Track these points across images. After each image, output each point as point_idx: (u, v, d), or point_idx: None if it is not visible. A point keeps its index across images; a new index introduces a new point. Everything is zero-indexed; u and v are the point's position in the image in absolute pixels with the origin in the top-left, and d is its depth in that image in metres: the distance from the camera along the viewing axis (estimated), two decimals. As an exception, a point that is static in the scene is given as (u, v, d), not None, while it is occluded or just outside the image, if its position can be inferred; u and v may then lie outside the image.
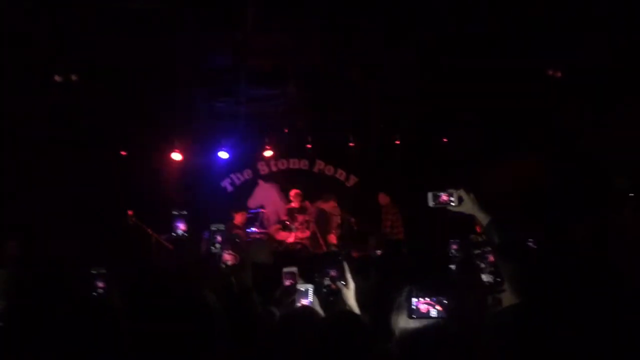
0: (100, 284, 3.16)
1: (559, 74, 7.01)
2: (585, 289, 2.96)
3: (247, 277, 3.22)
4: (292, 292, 3.05)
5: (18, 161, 8.74)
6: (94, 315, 2.91)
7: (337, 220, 10.00)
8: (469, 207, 2.79)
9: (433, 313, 2.55)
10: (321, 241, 9.35)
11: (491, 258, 2.44)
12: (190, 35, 5.80)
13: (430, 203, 2.85)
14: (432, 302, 2.55)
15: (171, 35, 5.79)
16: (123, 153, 10.04)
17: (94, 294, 3.12)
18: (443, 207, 2.85)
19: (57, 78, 6.58)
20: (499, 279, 2.41)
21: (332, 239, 9.56)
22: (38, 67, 6.50)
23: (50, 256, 7.30)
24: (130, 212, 8.52)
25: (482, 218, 2.74)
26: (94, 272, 3.13)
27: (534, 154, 10.06)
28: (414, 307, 2.56)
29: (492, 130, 9.86)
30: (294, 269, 3.29)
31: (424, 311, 2.54)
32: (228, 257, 3.44)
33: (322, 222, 9.73)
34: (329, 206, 9.97)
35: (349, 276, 3.11)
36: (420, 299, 2.56)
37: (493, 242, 2.64)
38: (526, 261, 2.55)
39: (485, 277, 2.43)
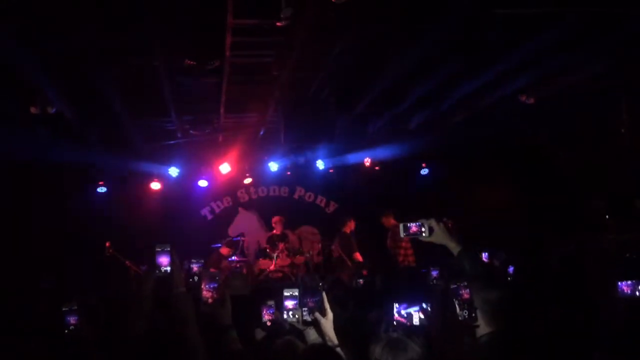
0: (73, 320, 3.08)
1: (532, 101, 7.12)
2: (560, 316, 2.98)
3: (227, 313, 3.17)
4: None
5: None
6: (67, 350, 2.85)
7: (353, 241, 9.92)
8: (440, 237, 2.81)
9: (416, 321, 2.56)
10: (348, 263, 9.36)
11: (466, 295, 2.44)
12: (168, 62, 5.77)
13: (402, 234, 2.88)
14: (414, 312, 2.57)
15: (149, 62, 5.75)
16: (101, 183, 9.92)
17: (66, 331, 3.05)
18: (415, 237, 2.88)
19: (33, 110, 6.48)
20: (473, 315, 2.41)
21: (358, 256, 9.54)
22: (19, 99, 6.41)
23: (26, 288, 7.15)
24: (107, 244, 8.41)
25: (453, 247, 2.76)
26: (65, 308, 3.05)
27: (510, 178, 10.19)
28: (396, 316, 2.57)
29: (468, 151, 9.98)
30: (272, 302, 3.26)
31: (405, 322, 2.55)
32: (207, 294, 3.38)
33: (346, 244, 9.74)
34: (350, 227, 9.95)
35: (327, 306, 3.07)
36: (402, 308, 2.57)
37: (464, 272, 2.65)
38: (498, 290, 2.57)
39: (459, 312, 2.43)
